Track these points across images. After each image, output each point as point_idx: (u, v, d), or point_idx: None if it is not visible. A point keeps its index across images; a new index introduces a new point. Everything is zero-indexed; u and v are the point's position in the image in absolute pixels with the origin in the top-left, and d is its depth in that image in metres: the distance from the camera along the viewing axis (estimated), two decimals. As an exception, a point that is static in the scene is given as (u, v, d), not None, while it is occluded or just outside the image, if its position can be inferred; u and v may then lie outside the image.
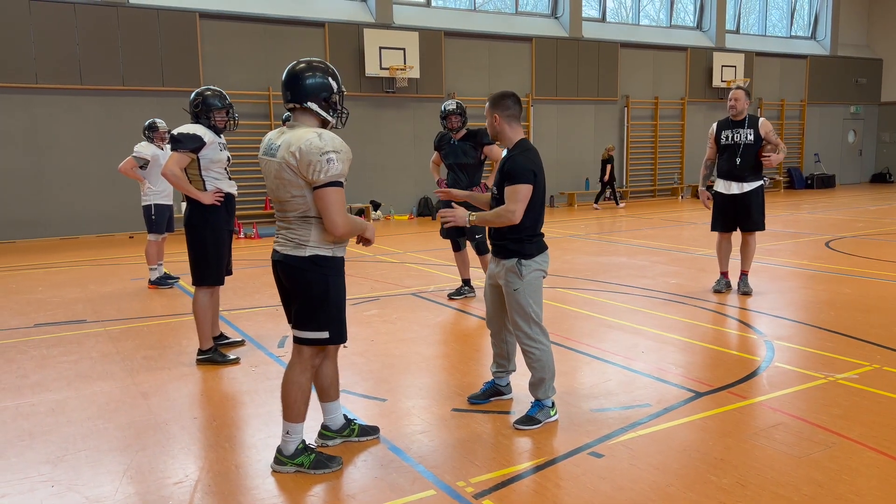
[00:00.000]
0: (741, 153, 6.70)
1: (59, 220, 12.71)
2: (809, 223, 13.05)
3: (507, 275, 3.79)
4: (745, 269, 6.99)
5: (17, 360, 5.22)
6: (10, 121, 12.17)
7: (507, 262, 3.79)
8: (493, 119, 3.84)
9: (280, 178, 3.13)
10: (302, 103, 3.21)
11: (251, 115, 13.87)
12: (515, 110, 3.84)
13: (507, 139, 3.87)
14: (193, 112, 5.02)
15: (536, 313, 3.80)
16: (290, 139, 3.10)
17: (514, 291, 3.77)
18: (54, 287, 8.07)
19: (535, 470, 3.31)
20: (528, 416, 3.82)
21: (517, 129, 3.87)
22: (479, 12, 16.80)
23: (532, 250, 3.78)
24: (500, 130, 3.86)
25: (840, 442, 3.52)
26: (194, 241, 4.96)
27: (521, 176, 3.67)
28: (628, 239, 11.33)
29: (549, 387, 3.85)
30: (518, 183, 3.67)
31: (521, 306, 3.77)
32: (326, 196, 3.04)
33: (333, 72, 3.31)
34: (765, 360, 4.86)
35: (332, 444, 3.61)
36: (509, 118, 3.83)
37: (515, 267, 3.75)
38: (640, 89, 18.83)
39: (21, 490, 3.20)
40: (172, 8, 13.09)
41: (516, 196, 3.68)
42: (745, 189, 6.75)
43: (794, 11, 22.17)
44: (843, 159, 23.44)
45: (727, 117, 6.86)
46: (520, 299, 3.76)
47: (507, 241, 3.80)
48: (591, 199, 18.24)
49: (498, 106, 3.82)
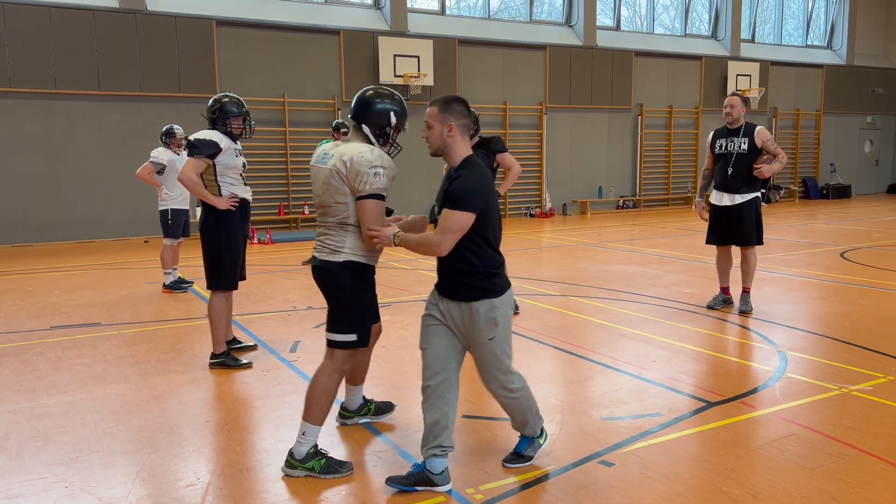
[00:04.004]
0: (734, 163, 6.42)
1: (75, 224, 12.85)
2: (825, 233, 12.95)
3: (479, 321, 3.10)
4: (745, 287, 6.56)
5: (32, 362, 5.28)
6: (29, 126, 12.33)
7: (477, 305, 3.09)
8: (446, 127, 3.09)
9: (328, 184, 3.32)
10: (359, 123, 3.44)
11: (266, 121, 13.97)
12: (469, 119, 3.18)
13: (455, 154, 3.14)
14: (210, 118, 5.07)
15: (510, 358, 3.24)
16: (344, 150, 3.31)
17: (488, 342, 3.13)
18: (70, 290, 8.16)
19: (545, 478, 3.30)
20: (518, 454, 3.46)
21: (467, 144, 3.18)
22: (493, 20, 16.85)
23: (503, 285, 3.17)
24: (450, 143, 3.11)
25: (853, 454, 3.49)
26: (209, 245, 5.01)
27: (465, 202, 2.97)
28: (641, 248, 11.30)
29: (534, 422, 3.43)
30: (458, 209, 2.98)
31: (496, 357, 3.17)
32: (367, 207, 3.24)
33: (400, 109, 3.49)
34: (778, 371, 4.83)
35: (350, 424, 3.90)
36: (463, 129, 3.13)
37: (490, 312, 3.09)
38: (654, 98, 18.79)
39: (35, 490, 3.24)
40: (190, 15, 13.24)
41: (450, 224, 2.99)
42: (737, 201, 6.42)
43: (811, 20, 22.06)
44: (859, 169, 23.25)
45: (724, 125, 6.59)
46: (495, 349, 3.15)
47: (469, 278, 3.10)
48: (603, 208, 18.24)
49: (453, 112, 3.11)
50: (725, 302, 6.77)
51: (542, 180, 17.21)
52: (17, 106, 12.19)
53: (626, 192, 18.77)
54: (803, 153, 21.68)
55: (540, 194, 17.27)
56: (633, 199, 18.63)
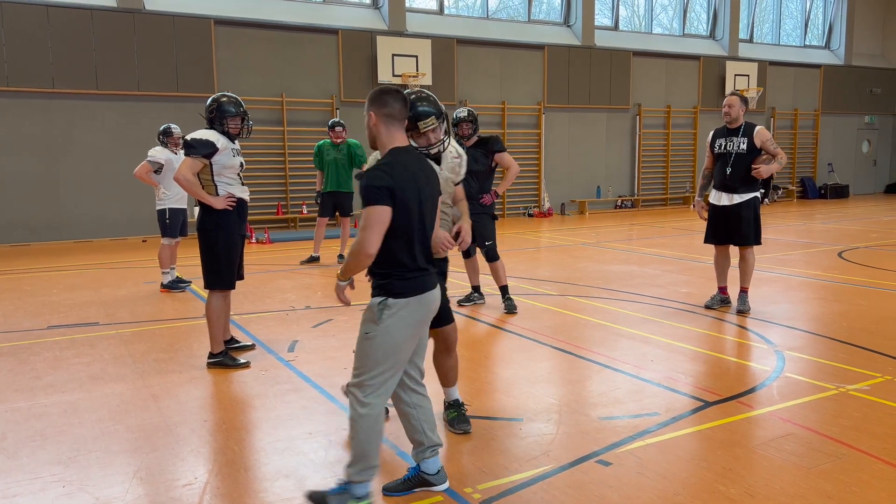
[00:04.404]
0: (732, 163, 6.42)
1: (73, 224, 12.83)
2: (822, 233, 12.97)
3: (365, 314, 3.02)
4: (743, 286, 6.58)
5: (30, 362, 5.27)
6: (27, 125, 12.31)
7: (373, 300, 3.00)
8: (368, 118, 3.03)
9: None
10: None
11: (264, 121, 13.96)
12: (395, 110, 3.01)
13: (381, 145, 3.07)
14: (208, 117, 5.06)
15: (382, 374, 2.96)
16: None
17: (364, 336, 2.97)
18: (68, 290, 8.15)
19: (542, 477, 3.31)
20: (321, 493, 3.06)
21: (394, 135, 3.04)
22: (491, 20, 16.85)
23: (403, 289, 2.96)
24: (375, 133, 3.05)
25: (850, 453, 3.50)
26: (206, 245, 5.01)
27: (370, 195, 2.85)
28: (639, 247, 11.31)
29: (360, 471, 2.98)
30: (367, 204, 2.86)
31: (367, 357, 2.96)
32: None
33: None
34: (775, 371, 4.84)
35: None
36: (387, 118, 3.02)
37: (375, 308, 2.96)
38: (652, 98, 18.80)
39: (32, 490, 3.24)
40: (188, 14, 13.22)
41: (366, 220, 2.88)
42: (735, 201, 6.42)
43: (809, 20, 22.08)
44: (856, 169, 23.27)
45: (724, 125, 6.59)
46: (368, 349, 2.95)
47: (373, 275, 3.04)
48: (602, 208, 18.24)
49: (375, 102, 3.03)
50: (723, 302, 6.78)
51: (540, 180, 17.21)
52: (14, 105, 12.17)
53: (625, 192, 18.78)
54: (801, 153, 21.69)
55: (538, 194, 17.27)
56: (631, 199, 18.63)
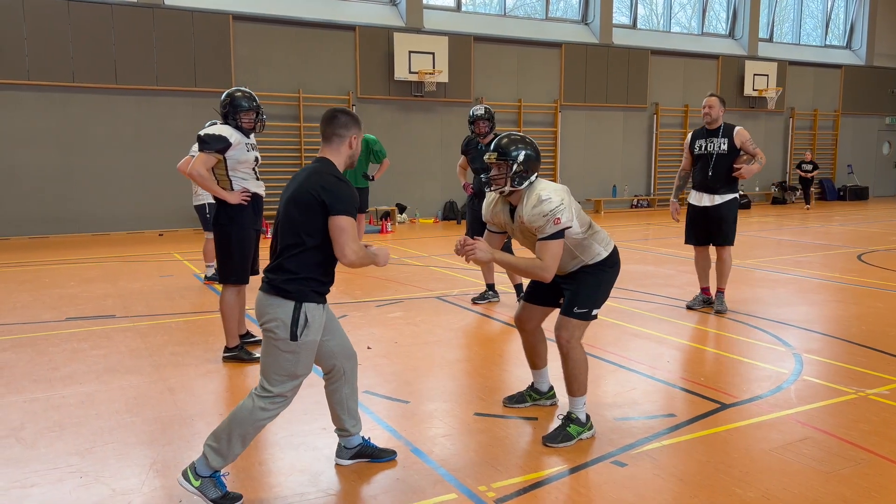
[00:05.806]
0: (713, 164, 6.41)
1: (90, 217, 12.94)
2: (841, 235, 12.83)
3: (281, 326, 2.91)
4: (720, 287, 6.61)
5: (48, 353, 5.32)
6: (46, 118, 12.43)
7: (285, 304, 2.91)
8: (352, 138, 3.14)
9: None
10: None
11: (282, 116, 14.02)
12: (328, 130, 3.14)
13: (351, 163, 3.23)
14: (222, 112, 5.07)
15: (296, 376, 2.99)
16: None
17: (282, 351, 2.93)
18: (85, 282, 8.22)
19: (557, 477, 3.29)
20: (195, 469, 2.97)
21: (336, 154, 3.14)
22: (509, 18, 16.80)
23: (316, 299, 2.99)
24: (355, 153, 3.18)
25: (870, 458, 3.46)
26: (220, 240, 5.02)
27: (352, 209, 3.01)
28: (655, 247, 11.24)
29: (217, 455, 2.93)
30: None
31: (280, 367, 2.96)
32: None
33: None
34: (793, 373, 4.79)
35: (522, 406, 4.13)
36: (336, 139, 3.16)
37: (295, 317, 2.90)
38: (669, 97, 18.68)
39: (50, 480, 3.27)
40: (207, 10, 13.29)
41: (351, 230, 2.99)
42: (717, 202, 6.44)
43: (830, 20, 21.83)
44: (876, 171, 23.00)
45: (703, 126, 6.58)
46: (284, 363, 2.94)
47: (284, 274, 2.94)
48: (618, 207, 18.16)
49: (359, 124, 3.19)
50: (706, 302, 6.79)
51: (556, 178, 17.15)
52: (34, 99, 12.29)
53: (641, 192, 18.68)
54: (820, 154, 21.45)
55: (553, 192, 17.20)
56: (647, 199, 18.53)
